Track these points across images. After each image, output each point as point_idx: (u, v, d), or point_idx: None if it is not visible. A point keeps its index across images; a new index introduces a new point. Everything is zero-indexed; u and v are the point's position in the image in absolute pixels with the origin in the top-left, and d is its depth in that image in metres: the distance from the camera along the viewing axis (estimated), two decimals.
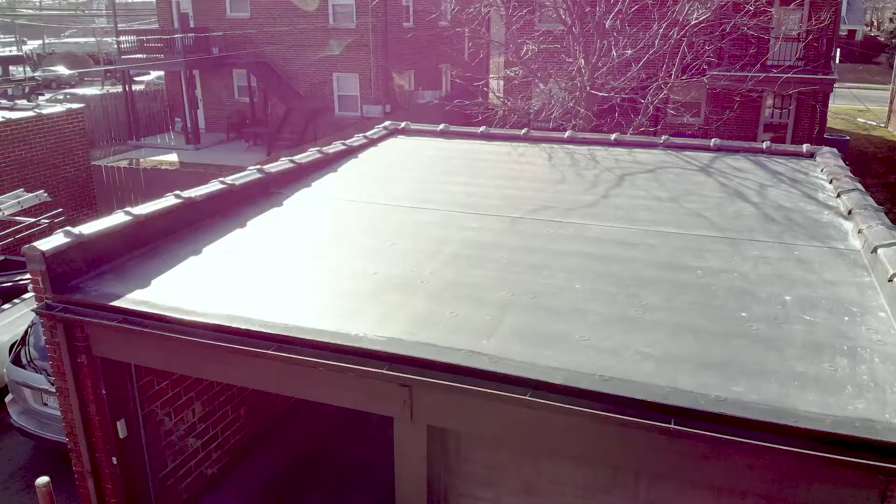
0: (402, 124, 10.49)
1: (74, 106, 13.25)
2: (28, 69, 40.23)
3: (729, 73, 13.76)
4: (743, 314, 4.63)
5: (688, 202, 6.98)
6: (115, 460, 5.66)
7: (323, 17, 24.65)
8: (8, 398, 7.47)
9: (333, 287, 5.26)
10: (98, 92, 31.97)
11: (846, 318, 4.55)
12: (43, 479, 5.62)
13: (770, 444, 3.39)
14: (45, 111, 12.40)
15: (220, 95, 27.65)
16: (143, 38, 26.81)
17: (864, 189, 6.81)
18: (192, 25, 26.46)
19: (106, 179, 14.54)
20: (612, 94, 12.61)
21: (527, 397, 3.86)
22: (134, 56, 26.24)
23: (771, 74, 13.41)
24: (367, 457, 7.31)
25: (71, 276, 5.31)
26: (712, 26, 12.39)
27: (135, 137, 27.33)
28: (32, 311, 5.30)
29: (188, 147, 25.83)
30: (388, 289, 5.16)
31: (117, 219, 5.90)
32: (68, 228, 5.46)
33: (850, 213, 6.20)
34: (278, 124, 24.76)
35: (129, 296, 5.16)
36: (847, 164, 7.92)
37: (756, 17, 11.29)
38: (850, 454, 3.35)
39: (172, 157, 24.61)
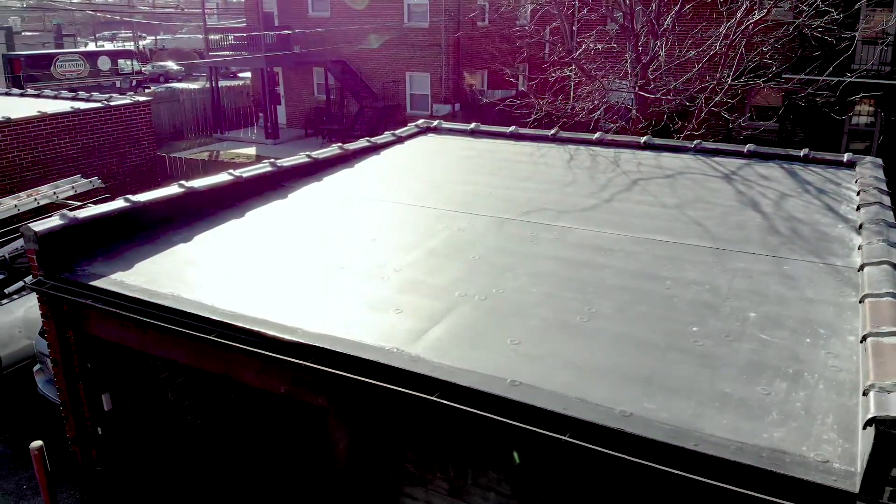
0: (435, 123, 10.52)
1: (141, 98, 14.09)
2: (136, 63, 42.66)
3: (796, 77, 12.90)
4: (694, 328, 4.37)
5: (693, 210, 6.64)
6: (100, 430, 6.00)
7: (398, 16, 25.02)
8: (36, 368, 8.07)
9: (296, 279, 5.35)
10: (196, 86, 33.79)
11: (808, 340, 4.21)
12: (36, 443, 6.01)
13: (651, 464, 3.19)
14: (112, 102, 13.27)
15: (300, 92, 28.60)
16: (230, 35, 28.08)
17: (887, 203, 6.26)
18: (276, 24, 27.50)
19: (169, 168, 15.41)
20: (662, 96, 12.14)
21: (433, 398, 3.81)
22: (220, 53, 27.56)
23: (845, 79, 12.49)
24: None
25: (63, 255, 5.66)
26: (774, 27, 11.67)
27: (220, 131, 28.69)
28: (28, 286, 5.69)
29: (267, 142, 26.88)
30: (347, 283, 5.21)
31: (116, 204, 6.25)
32: (64, 211, 5.83)
33: (860, 227, 5.72)
34: (351, 121, 25.34)
35: (112, 277, 5.46)
36: (885, 177, 7.29)
37: (819, 17, 10.53)
38: (747, 486, 3.11)
39: (250, 151, 25.67)
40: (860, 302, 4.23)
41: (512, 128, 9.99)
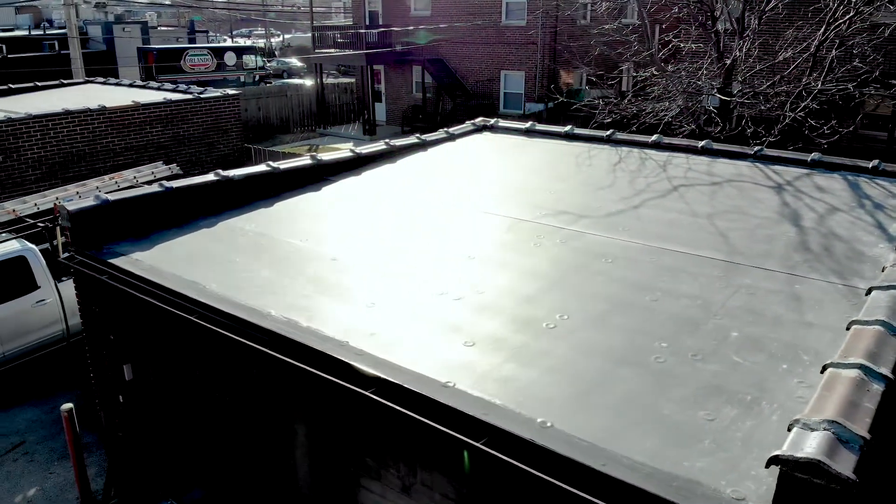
0: (492, 121, 10.44)
1: (231, 92, 14.90)
2: (259, 59, 44.86)
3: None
4: (663, 345, 4.10)
5: (724, 220, 6.21)
6: (121, 398, 6.43)
7: (496, 13, 24.98)
8: None
9: (288, 269, 5.49)
10: (311, 83, 35.24)
11: (784, 366, 3.84)
12: (66, 406, 6.56)
13: (549, 479, 3.03)
14: (203, 95, 14.12)
15: (399, 90, 29.19)
16: (335, 33, 29.10)
17: None
18: (380, 22, 28.22)
19: (255, 159, 16.19)
20: (746, 100, 11.40)
21: (368, 393, 3.81)
22: (326, 50, 28.62)
23: None
24: None
25: (94, 233, 6.10)
26: (870, 28, 10.64)
27: (323, 126, 29.81)
28: (60, 260, 6.19)
29: (364, 138, 27.59)
30: (333, 275, 5.30)
31: (151, 189, 6.65)
32: (98, 193, 6.28)
33: None
34: (444, 120, 25.57)
35: (131, 255, 5.85)
36: None
37: None
38: None
39: (347, 146, 26.48)
40: (847, 328, 3.80)
41: (567, 128, 9.73)
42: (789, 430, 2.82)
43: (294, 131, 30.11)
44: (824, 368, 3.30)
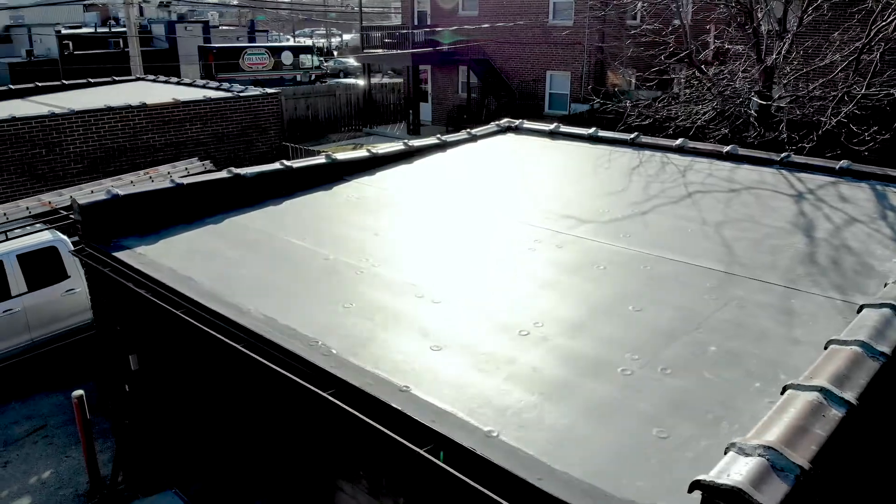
0: (517, 123, 10.33)
1: (270, 91, 15.19)
2: (315, 58, 45.47)
3: None
4: (635, 357, 3.97)
5: (732, 229, 5.98)
6: (127, 387, 6.62)
7: (543, 13, 24.73)
8: None
9: (282, 267, 5.54)
10: (363, 83, 35.65)
11: (757, 384, 3.67)
12: (77, 393, 6.78)
13: (482, 489, 2.96)
14: (242, 93, 14.43)
15: (445, 90, 29.22)
16: (382, 34, 29.33)
17: None
18: (428, 23, 28.30)
19: (292, 157, 16.46)
20: (786, 104, 10.97)
21: (326, 395, 3.81)
22: (374, 50, 28.87)
23: None
24: None
25: (103, 226, 6.29)
26: None
27: (369, 125, 30.10)
28: (71, 252, 6.41)
29: (408, 137, 27.76)
30: (321, 274, 5.33)
31: (161, 185, 6.82)
32: (109, 187, 6.48)
33: None
34: (487, 119, 25.49)
35: (135, 249, 6.02)
36: None
37: None
38: None
39: (391, 145, 26.66)
40: (825, 348, 3.59)
41: (591, 130, 9.56)
42: (725, 453, 2.69)
43: (342, 130, 30.50)
44: (784, 389, 3.13)
